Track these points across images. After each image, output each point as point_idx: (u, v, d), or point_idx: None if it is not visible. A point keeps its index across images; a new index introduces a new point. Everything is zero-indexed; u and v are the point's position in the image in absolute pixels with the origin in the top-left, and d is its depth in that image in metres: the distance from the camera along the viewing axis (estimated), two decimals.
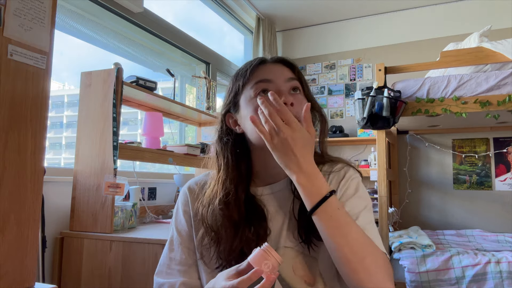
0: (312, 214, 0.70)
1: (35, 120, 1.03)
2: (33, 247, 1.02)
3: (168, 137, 2.83)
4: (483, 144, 3.35)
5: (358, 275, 0.67)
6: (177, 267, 0.84)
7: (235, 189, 0.80)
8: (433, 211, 3.43)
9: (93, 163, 1.71)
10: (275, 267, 0.64)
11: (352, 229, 0.69)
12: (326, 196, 0.70)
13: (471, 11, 3.60)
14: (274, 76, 0.80)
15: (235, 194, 0.80)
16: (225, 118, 0.86)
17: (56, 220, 1.76)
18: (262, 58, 0.85)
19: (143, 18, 2.54)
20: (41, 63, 1.04)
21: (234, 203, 0.79)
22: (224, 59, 3.51)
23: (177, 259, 0.85)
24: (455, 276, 2.30)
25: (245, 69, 0.84)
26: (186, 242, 0.86)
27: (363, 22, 4.04)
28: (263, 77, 0.80)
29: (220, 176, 0.82)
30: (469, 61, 2.44)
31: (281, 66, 0.83)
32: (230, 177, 0.81)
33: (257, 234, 0.78)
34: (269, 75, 0.80)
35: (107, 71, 1.74)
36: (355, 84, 4.01)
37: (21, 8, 0.99)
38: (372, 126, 2.42)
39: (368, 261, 0.68)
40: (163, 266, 0.86)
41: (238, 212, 0.79)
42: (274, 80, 0.80)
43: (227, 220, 0.79)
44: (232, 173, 0.82)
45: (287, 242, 0.80)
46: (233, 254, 0.77)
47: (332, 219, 0.69)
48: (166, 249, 0.88)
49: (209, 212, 0.80)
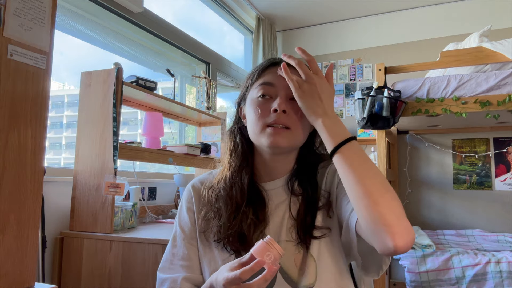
0: (336, 152, 0.73)
1: (35, 120, 1.03)
2: (33, 247, 1.02)
3: (168, 137, 2.83)
4: (483, 144, 3.35)
5: (379, 207, 0.67)
6: (179, 262, 0.85)
7: (240, 175, 0.85)
8: (433, 211, 3.43)
9: (93, 163, 1.71)
10: (277, 259, 0.66)
11: (373, 166, 0.72)
12: (351, 137, 0.73)
13: (471, 11, 3.60)
14: (277, 81, 0.82)
15: (240, 178, 0.85)
16: (239, 109, 0.91)
17: (56, 220, 1.76)
18: (273, 59, 0.87)
19: (143, 18, 2.54)
20: (41, 63, 1.04)
21: (237, 185, 0.84)
22: (224, 59, 3.51)
23: (179, 254, 0.86)
24: (455, 276, 2.30)
25: (257, 67, 0.88)
26: (189, 238, 0.87)
27: (363, 22, 4.04)
28: (267, 80, 0.83)
29: (229, 159, 0.88)
30: (469, 61, 2.44)
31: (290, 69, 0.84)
32: (236, 163, 0.86)
33: (257, 216, 0.82)
34: (273, 79, 0.83)
35: (107, 71, 1.74)
36: (355, 84, 4.01)
37: (21, 8, 0.99)
38: (372, 126, 2.42)
39: (388, 195, 0.69)
40: (166, 262, 0.87)
41: (240, 194, 0.83)
42: (277, 85, 0.82)
43: (229, 198, 0.83)
44: (238, 159, 0.87)
45: (288, 236, 0.81)
46: (232, 230, 0.80)
47: (356, 155, 0.72)
48: (169, 245, 0.89)
49: (215, 192, 0.85)
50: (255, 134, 0.82)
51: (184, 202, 0.92)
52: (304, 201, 0.83)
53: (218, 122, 2.73)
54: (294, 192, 0.85)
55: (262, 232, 0.82)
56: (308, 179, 0.85)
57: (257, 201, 0.84)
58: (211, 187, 0.87)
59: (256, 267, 0.64)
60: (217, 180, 0.88)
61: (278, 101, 0.79)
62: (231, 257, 0.81)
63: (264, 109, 0.80)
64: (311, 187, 0.84)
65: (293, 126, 0.80)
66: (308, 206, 0.82)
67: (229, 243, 0.80)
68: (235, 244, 0.80)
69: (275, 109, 0.79)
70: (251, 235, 0.80)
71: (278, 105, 0.79)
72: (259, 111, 0.81)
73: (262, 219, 0.82)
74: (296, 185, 0.85)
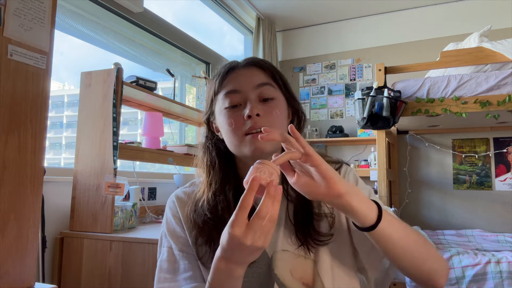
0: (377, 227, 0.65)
1: (35, 120, 1.03)
2: (33, 247, 1.02)
3: (168, 137, 2.83)
4: (483, 144, 3.35)
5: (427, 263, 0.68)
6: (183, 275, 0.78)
7: (222, 189, 0.79)
8: (433, 211, 3.43)
9: (93, 163, 1.71)
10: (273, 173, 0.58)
11: (407, 226, 0.69)
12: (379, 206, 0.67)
13: (471, 11, 3.60)
14: (241, 85, 0.77)
15: (223, 194, 0.79)
16: (209, 123, 0.86)
17: (56, 220, 1.76)
18: (231, 64, 0.82)
19: (143, 18, 2.54)
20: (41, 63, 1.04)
21: (223, 203, 0.78)
22: (224, 59, 3.49)
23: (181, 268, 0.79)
24: (455, 276, 2.30)
25: (216, 77, 0.81)
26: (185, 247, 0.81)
27: (363, 22, 4.04)
28: (231, 87, 0.78)
29: (207, 179, 0.81)
30: (469, 61, 2.44)
31: (252, 70, 0.80)
32: (216, 179, 0.80)
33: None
34: (236, 84, 0.78)
35: (107, 71, 1.74)
36: (355, 84, 4.01)
37: (21, 8, 0.99)
38: (372, 126, 2.42)
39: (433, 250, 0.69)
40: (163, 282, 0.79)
41: (227, 211, 0.76)
42: (241, 89, 0.77)
43: (217, 220, 0.76)
44: (217, 174, 0.80)
45: (285, 246, 0.77)
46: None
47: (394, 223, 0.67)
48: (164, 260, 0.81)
49: (200, 216, 0.78)
50: (235, 145, 0.77)
51: (170, 212, 0.86)
52: (301, 204, 0.79)
53: None
54: (289, 198, 0.80)
55: None
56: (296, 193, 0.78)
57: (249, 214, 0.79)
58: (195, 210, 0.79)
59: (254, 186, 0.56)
60: (200, 201, 0.80)
61: (249, 106, 0.74)
62: None
63: (237, 119, 0.75)
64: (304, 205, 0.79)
65: (272, 126, 0.72)
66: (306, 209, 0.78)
67: None
68: None
69: (248, 115, 0.74)
70: None
71: (250, 110, 0.74)
72: (233, 122, 0.76)
73: None
74: (290, 189, 0.79)
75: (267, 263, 0.76)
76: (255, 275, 0.76)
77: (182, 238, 0.82)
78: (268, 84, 0.78)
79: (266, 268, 0.76)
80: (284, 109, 0.80)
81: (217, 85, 0.80)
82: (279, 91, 0.80)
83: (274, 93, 0.78)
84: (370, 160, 3.54)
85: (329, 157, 0.86)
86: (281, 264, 0.75)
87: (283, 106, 0.80)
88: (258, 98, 0.77)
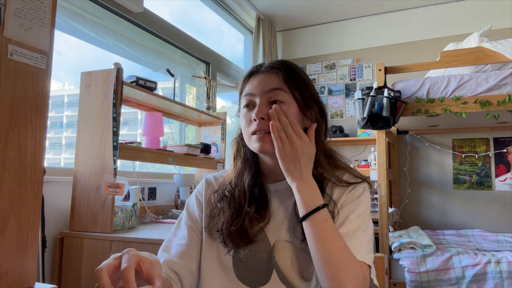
0: (303, 221, 0.78)
1: (35, 120, 1.03)
2: (33, 247, 1.02)
3: (168, 137, 2.83)
4: (483, 144, 3.35)
5: (330, 284, 0.72)
6: (176, 241, 0.90)
7: (242, 177, 0.91)
8: (433, 211, 3.43)
9: (93, 163, 1.71)
10: None
11: (332, 242, 0.75)
12: (318, 207, 0.77)
13: (471, 11, 3.60)
14: (256, 89, 0.86)
15: (241, 180, 0.90)
16: None
17: (56, 220, 1.76)
18: (254, 68, 0.91)
19: (143, 18, 2.54)
20: (41, 63, 1.04)
21: (240, 187, 0.89)
22: (224, 59, 3.51)
23: (179, 235, 0.91)
24: (455, 276, 2.30)
25: (242, 79, 0.92)
26: (192, 221, 0.93)
27: (363, 22, 4.04)
28: (249, 90, 0.87)
29: (234, 165, 0.94)
30: (469, 61, 2.44)
31: (269, 75, 0.86)
32: (239, 166, 0.92)
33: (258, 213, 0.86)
34: (252, 88, 0.86)
35: (107, 71, 1.74)
36: (355, 84, 4.01)
37: (21, 8, 0.99)
38: (372, 126, 2.42)
39: (342, 274, 0.72)
40: (165, 241, 0.92)
41: (243, 195, 0.88)
42: (256, 93, 0.85)
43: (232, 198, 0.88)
44: (240, 163, 0.92)
45: (287, 237, 0.84)
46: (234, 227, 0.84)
47: (317, 229, 0.76)
48: (174, 227, 0.95)
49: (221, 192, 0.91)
50: (246, 141, 0.88)
51: (196, 191, 0.98)
52: None
53: (218, 122, 2.73)
54: None
55: (262, 229, 0.85)
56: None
57: (260, 200, 0.88)
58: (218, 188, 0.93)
59: None
60: (224, 181, 0.93)
61: (256, 110, 0.83)
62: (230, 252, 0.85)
63: (248, 119, 0.85)
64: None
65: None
66: None
67: (230, 238, 0.84)
68: (235, 239, 0.83)
69: (254, 118, 0.83)
70: (251, 231, 0.84)
71: (256, 114, 0.83)
72: (245, 121, 0.86)
73: (263, 216, 0.86)
74: None
75: (268, 250, 0.83)
76: (255, 259, 0.83)
77: (195, 215, 0.93)
78: (279, 89, 0.85)
79: (266, 255, 0.83)
80: (293, 112, 0.85)
81: (241, 86, 0.92)
82: (290, 95, 0.85)
83: (284, 97, 0.84)
84: (370, 160, 3.54)
85: (356, 172, 0.90)
86: (282, 252, 0.82)
87: (293, 109, 0.85)
88: (266, 101, 0.84)
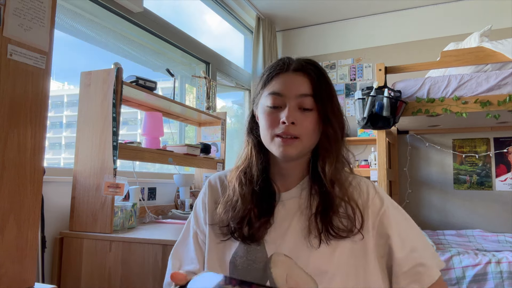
0: None
1: (34, 120, 1.02)
2: (33, 247, 1.02)
3: (168, 137, 2.83)
4: (483, 144, 3.35)
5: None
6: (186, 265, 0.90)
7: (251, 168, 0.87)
8: (433, 211, 3.43)
9: (92, 163, 1.71)
10: None
11: None
12: None
13: (471, 11, 3.60)
14: (286, 91, 0.81)
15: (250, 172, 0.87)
16: (254, 111, 0.92)
17: (56, 220, 1.75)
18: (284, 62, 0.85)
19: (143, 18, 2.54)
20: (41, 63, 1.04)
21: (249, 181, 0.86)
22: (224, 59, 3.51)
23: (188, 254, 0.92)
24: (456, 276, 2.30)
25: (267, 72, 0.86)
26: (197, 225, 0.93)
27: (363, 22, 4.04)
28: (276, 89, 0.82)
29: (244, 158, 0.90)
30: (470, 61, 2.44)
31: (300, 77, 0.82)
32: (250, 161, 0.88)
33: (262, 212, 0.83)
34: (282, 88, 0.82)
35: (107, 71, 1.74)
36: (355, 84, 4.01)
37: (21, 8, 0.99)
38: (372, 126, 2.42)
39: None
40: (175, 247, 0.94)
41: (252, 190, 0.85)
42: (285, 94, 0.81)
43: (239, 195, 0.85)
44: (251, 158, 0.88)
45: (286, 251, 0.80)
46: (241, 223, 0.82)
47: None
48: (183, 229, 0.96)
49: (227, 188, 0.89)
50: (266, 142, 0.84)
51: (201, 193, 0.98)
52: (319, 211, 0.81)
53: (218, 122, 2.73)
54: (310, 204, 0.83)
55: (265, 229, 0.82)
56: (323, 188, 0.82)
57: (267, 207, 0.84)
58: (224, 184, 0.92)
59: None
60: (230, 177, 0.90)
61: (287, 113, 0.79)
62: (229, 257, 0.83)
63: (273, 119, 0.81)
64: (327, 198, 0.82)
65: (302, 135, 0.80)
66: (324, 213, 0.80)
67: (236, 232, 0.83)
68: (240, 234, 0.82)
69: (283, 121, 0.79)
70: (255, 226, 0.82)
71: (286, 117, 0.78)
72: (269, 121, 0.81)
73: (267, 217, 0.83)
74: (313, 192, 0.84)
75: (264, 261, 0.80)
76: (250, 268, 0.81)
77: (200, 218, 0.93)
78: (309, 95, 0.81)
79: (262, 266, 0.80)
80: (314, 122, 0.81)
81: (265, 79, 0.85)
82: (315, 104, 0.82)
83: (313, 105, 0.81)
84: (370, 160, 3.54)
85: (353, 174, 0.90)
86: (279, 266, 0.78)
87: (315, 119, 0.82)
88: (297, 106, 0.80)
